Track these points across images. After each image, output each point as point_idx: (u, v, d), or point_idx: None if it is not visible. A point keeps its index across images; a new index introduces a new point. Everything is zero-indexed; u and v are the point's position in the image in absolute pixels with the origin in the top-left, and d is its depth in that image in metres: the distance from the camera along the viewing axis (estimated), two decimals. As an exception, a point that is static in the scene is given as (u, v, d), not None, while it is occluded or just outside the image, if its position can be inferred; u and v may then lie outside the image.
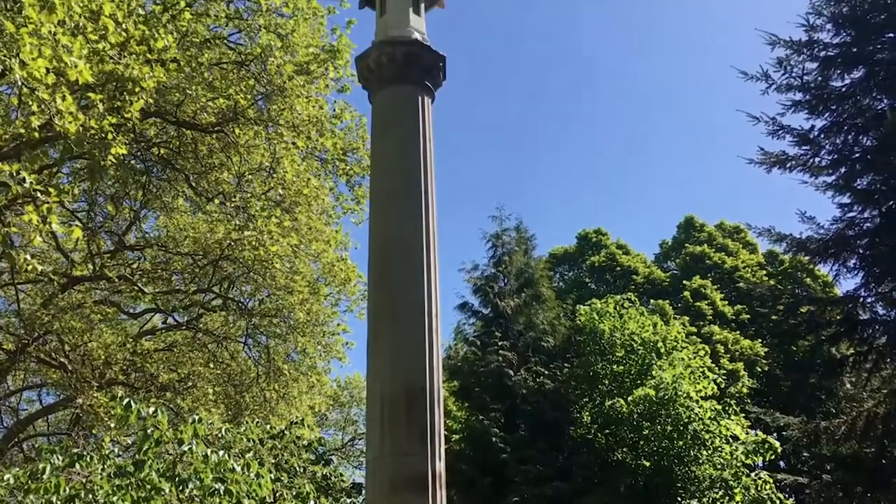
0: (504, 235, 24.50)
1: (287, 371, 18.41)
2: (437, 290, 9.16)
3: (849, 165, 16.05)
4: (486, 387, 21.52)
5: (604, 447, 20.62)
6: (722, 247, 34.64)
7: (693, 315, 27.72)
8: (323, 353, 19.32)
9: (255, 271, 16.30)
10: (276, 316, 17.99)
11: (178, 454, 8.73)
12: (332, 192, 17.53)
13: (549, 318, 23.58)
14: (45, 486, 7.78)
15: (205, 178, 14.84)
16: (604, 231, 37.01)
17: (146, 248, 17.26)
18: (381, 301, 9.02)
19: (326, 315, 18.77)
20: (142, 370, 16.69)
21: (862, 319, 15.83)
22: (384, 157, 9.65)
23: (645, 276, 33.75)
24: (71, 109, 7.67)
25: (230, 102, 13.08)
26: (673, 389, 19.60)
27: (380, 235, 9.28)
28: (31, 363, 17.38)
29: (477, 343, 23.27)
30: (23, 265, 7.89)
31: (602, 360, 21.69)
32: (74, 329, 15.15)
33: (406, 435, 8.23)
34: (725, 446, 19.79)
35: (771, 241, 17.03)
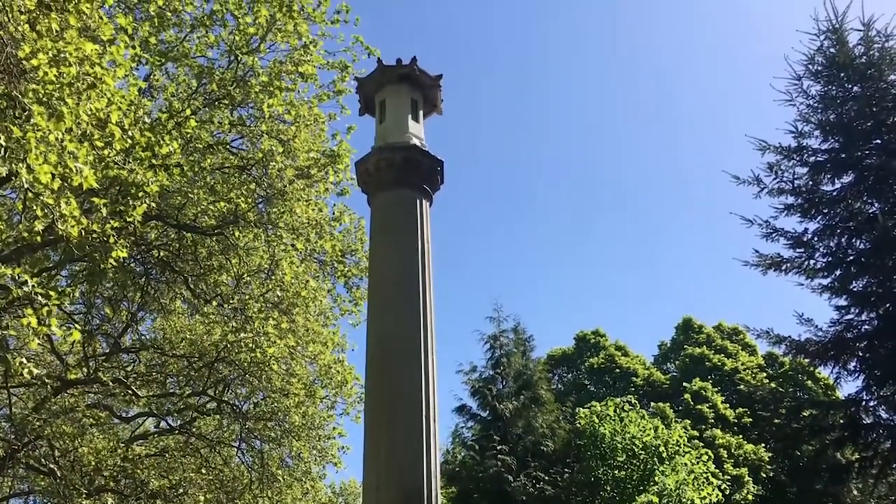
0: (502, 336, 24.42)
1: (281, 477, 17.94)
2: (436, 393, 9.08)
3: (844, 268, 16.16)
4: (486, 493, 21.01)
5: (608, 560, 19.98)
6: (721, 348, 34.48)
7: (694, 418, 27.33)
8: (318, 458, 18.89)
9: (250, 373, 16.11)
10: (271, 419, 17.67)
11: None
12: (331, 294, 17.56)
13: (549, 421, 23.24)
14: None
15: (203, 280, 14.86)
16: (602, 332, 36.91)
17: (141, 350, 17.12)
18: (378, 404, 8.92)
19: (322, 418, 18.44)
20: (132, 476, 16.24)
21: (865, 424, 15.61)
22: (383, 259, 9.73)
23: (644, 377, 33.46)
24: (74, 214, 7.76)
25: (231, 206, 13.24)
26: (677, 496, 19.15)
27: (378, 338, 9.26)
28: (20, 469, 16.95)
29: (475, 447, 22.86)
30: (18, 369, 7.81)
31: (603, 464, 21.26)
32: (66, 434, 14.84)
33: (403, 546, 8.00)
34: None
35: (770, 343, 16.98)
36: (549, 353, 35.98)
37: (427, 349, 9.11)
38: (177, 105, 11.99)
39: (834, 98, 16.65)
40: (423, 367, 8.95)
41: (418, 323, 9.14)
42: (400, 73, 10.38)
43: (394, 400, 8.78)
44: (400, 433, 8.61)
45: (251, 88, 12.52)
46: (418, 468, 8.50)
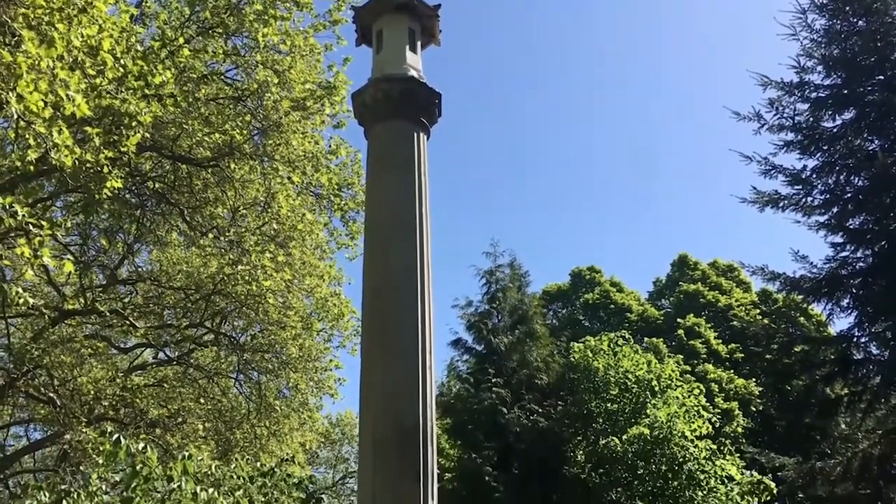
0: (498, 272, 24.48)
1: (278, 407, 18.22)
2: (432, 326, 9.12)
3: (841, 205, 16.12)
4: (480, 424, 21.33)
5: (598, 487, 20.39)
6: (716, 285, 34.69)
7: (687, 353, 27.66)
8: (315, 390, 19.15)
9: (247, 306, 16.21)
10: (269, 351, 17.85)
11: (167, 492, 8.59)
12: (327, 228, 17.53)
13: (543, 355, 23.47)
14: (31, 523, 7.64)
15: (199, 213, 14.81)
16: (597, 268, 37.07)
17: (138, 282, 17.17)
18: (374, 338, 8.97)
19: (319, 351, 18.63)
20: (131, 406, 16.48)
21: (856, 359, 15.77)
22: (379, 192, 9.65)
23: (639, 314, 33.74)
24: (67, 143, 7.66)
25: (226, 137, 13.11)
26: (668, 428, 19.47)
27: (374, 272, 9.25)
28: (20, 398, 17.17)
29: (470, 380, 23.14)
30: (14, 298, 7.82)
31: (596, 398, 21.56)
32: (64, 363, 15.00)
33: (398, 474, 8.14)
34: (720, 487, 19.61)
35: (764, 280, 17.04)
36: (544, 289, 36.19)
37: (423, 283, 9.11)
38: (169, 33, 11.75)
39: (838, 32, 16.37)
40: (419, 301, 8.97)
41: (415, 257, 9.12)
42: (398, 3, 10.13)
43: (390, 333, 8.82)
44: (396, 365, 8.67)
45: (245, 17, 12.28)
46: (414, 399, 8.58)
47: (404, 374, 8.61)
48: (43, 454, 21.64)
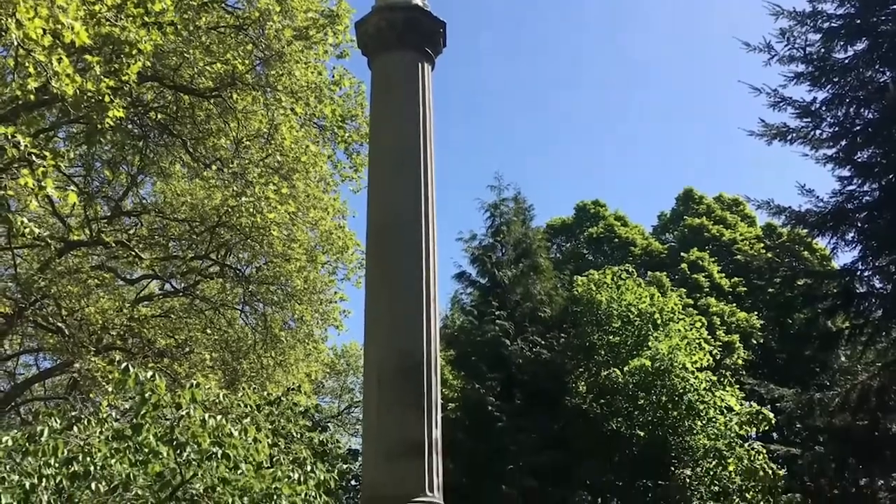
0: (502, 205, 24.45)
1: (284, 338, 18.43)
2: (436, 259, 9.14)
3: (850, 138, 15.96)
4: (483, 356, 21.59)
5: (599, 417, 20.74)
6: (720, 219, 34.62)
7: (690, 287, 27.77)
8: (320, 321, 19.34)
9: (252, 238, 16.26)
10: (274, 283, 17.98)
11: (175, 419, 8.75)
12: (331, 160, 17.45)
13: (546, 288, 23.60)
14: (44, 448, 7.80)
15: (202, 144, 14.74)
16: (602, 202, 36.96)
17: (143, 213, 17.19)
18: (378, 269, 9.00)
19: (324, 283, 18.75)
20: (139, 336, 16.69)
21: (859, 293, 15.82)
22: (383, 124, 9.56)
23: (643, 248, 33.77)
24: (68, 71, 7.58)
25: (228, 67, 12.96)
26: (669, 360, 19.69)
27: (378, 204, 9.23)
28: (29, 327, 17.37)
29: (474, 312, 23.32)
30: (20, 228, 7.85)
31: (598, 330, 21.76)
32: (72, 294, 15.12)
33: (402, 402, 8.26)
34: (720, 417, 19.93)
35: (770, 214, 16.98)
36: (548, 223, 36.17)
37: (428, 216, 9.10)
38: (168, -41, 11.49)
39: (852, -41, 15.98)
40: (424, 234, 8.97)
41: (419, 190, 9.08)
42: (401, -73, 9.86)
43: (394, 265, 8.84)
44: (400, 297, 8.71)
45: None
46: (418, 331, 8.65)
47: (408, 305, 8.66)
48: (53, 382, 22.00)
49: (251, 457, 9.28)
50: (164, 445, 8.47)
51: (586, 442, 19.84)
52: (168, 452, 8.50)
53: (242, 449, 9.07)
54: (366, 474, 8.42)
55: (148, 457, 8.44)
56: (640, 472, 19.50)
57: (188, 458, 8.62)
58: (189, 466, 8.77)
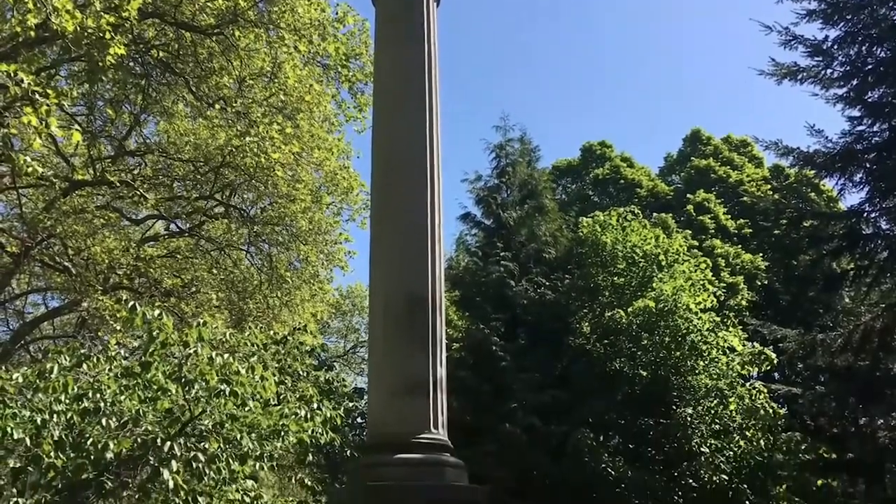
0: (508, 146, 24.26)
1: (289, 279, 18.52)
2: (440, 199, 9.10)
3: (861, 77, 15.72)
4: (488, 297, 21.68)
5: (602, 357, 20.91)
6: (727, 160, 34.34)
7: (695, 229, 27.69)
8: (325, 262, 19.41)
9: (256, 179, 16.22)
10: (279, 224, 18.00)
11: (183, 357, 8.85)
12: (335, 100, 17.29)
13: (552, 229, 23.57)
14: (54, 385, 7.91)
15: (205, 83, 14.58)
16: (608, 143, 36.65)
17: (147, 153, 17.13)
18: (383, 210, 8.97)
19: (329, 224, 18.77)
20: (145, 275, 16.78)
21: (864, 234, 15.78)
22: (387, 63, 9.42)
23: (649, 189, 33.59)
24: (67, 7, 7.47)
25: (230, 3, 12.74)
26: (673, 301, 19.75)
27: (383, 145, 9.15)
28: (36, 267, 17.47)
29: (479, 254, 23.35)
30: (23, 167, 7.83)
31: (603, 271, 21.77)
32: (77, 233, 15.14)
33: (408, 341, 8.32)
34: (722, 357, 20.07)
35: (778, 155, 16.85)
36: (554, 164, 35.92)
37: (433, 156, 9.03)
38: None
39: None
40: (429, 175, 8.91)
41: (424, 130, 9.00)
42: None
43: (399, 205, 8.81)
44: (405, 238, 8.70)
45: None
46: (423, 271, 8.66)
47: (413, 245, 8.67)
48: (61, 321, 22.22)
49: (258, 394, 9.41)
50: (173, 383, 8.59)
51: (589, 381, 20.04)
52: (176, 390, 8.62)
53: (250, 386, 9.19)
54: (371, 412, 8.53)
55: (157, 394, 8.57)
56: (642, 410, 19.72)
57: (196, 395, 8.75)
58: (197, 403, 8.91)
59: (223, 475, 9.06)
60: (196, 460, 8.37)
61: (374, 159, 9.24)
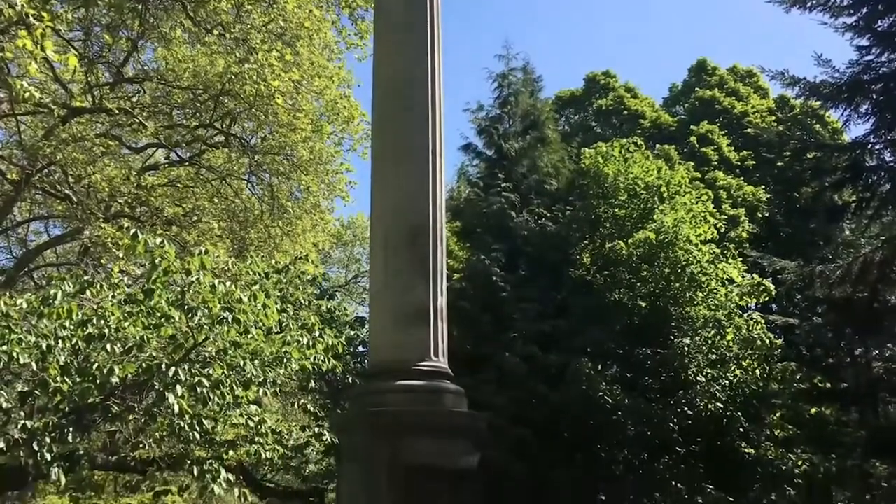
0: (510, 76, 23.96)
1: (291, 208, 18.51)
2: (442, 129, 9.03)
3: (871, 6, 15.40)
4: (488, 227, 21.72)
5: (602, 288, 21.06)
6: (733, 91, 33.94)
7: (698, 161, 27.55)
8: (326, 192, 19.36)
9: (256, 107, 16.06)
10: (279, 153, 17.90)
11: (185, 284, 8.93)
12: (335, 26, 17.00)
13: (553, 160, 23.47)
14: (58, 311, 8.01)
15: (202, 8, 14.31)
16: (612, 74, 36.16)
17: (145, 80, 16.92)
18: (384, 139, 8.92)
19: (329, 154, 18.66)
20: (147, 204, 16.76)
21: (868, 166, 15.68)
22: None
23: (652, 120, 33.30)
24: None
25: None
26: (673, 233, 19.78)
27: (385, 73, 9.03)
28: (37, 194, 17.45)
29: (480, 184, 23.30)
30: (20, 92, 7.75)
31: (604, 203, 21.76)
32: (77, 161, 15.06)
33: (409, 270, 8.37)
34: (721, 288, 20.21)
35: (784, 85, 16.61)
36: (557, 94, 35.52)
37: (434, 85, 8.93)
38: None
39: None
40: (431, 103, 8.83)
41: (426, 58, 8.87)
42: None
43: (400, 134, 8.76)
44: (406, 168, 8.68)
45: None
46: (424, 200, 8.65)
47: (414, 175, 8.64)
48: (64, 249, 22.30)
49: (261, 322, 9.53)
50: (176, 310, 8.69)
51: (588, 312, 20.23)
52: (180, 317, 8.73)
53: (252, 314, 9.30)
54: (372, 340, 8.64)
55: (160, 321, 8.68)
56: (640, 340, 19.95)
57: (199, 322, 8.86)
58: (200, 330, 9.03)
59: (227, 400, 9.25)
60: (200, 385, 8.53)
61: (374, 88, 9.14)
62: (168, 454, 11.30)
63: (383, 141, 8.93)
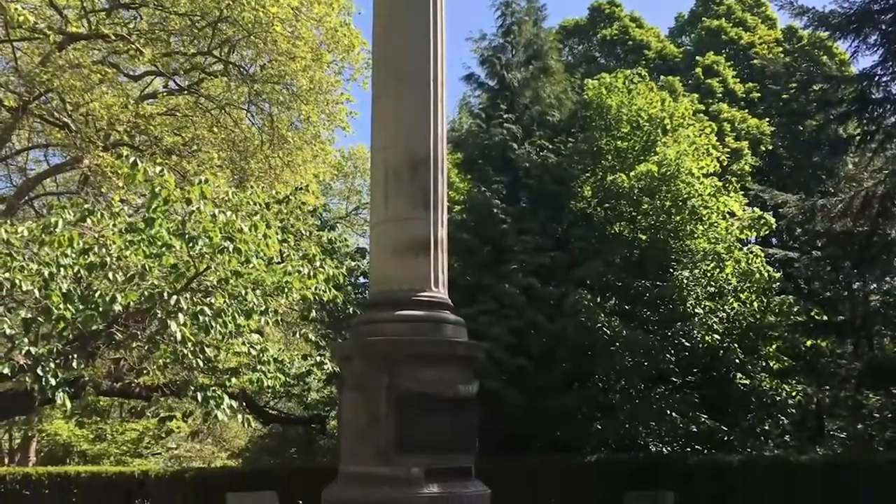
0: (514, 3, 23.50)
1: (291, 139, 18.39)
2: (444, 59, 8.91)
3: (883, -67, 15.02)
4: (490, 159, 21.61)
5: (602, 221, 21.06)
6: (740, 21, 33.28)
7: (703, 93, 27.20)
8: (327, 123, 19.21)
9: (255, 34, 15.81)
10: (279, 82, 17.69)
11: (186, 213, 8.93)
12: (334, -49, 16.59)
13: (556, 91, 23.19)
14: (59, 239, 8.03)
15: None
16: (617, 2, 35.43)
17: (141, 6, 16.60)
18: (385, 69, 8.80)
19: (330, 83, 18.43)
20: (146, 133, 16.64)
21: (874, 98, 15.50)
22: None
23: (657, 51, 32.76)
24: None
25: None
26: (675, 166, 19.68)
27: None
28: (35, 122, 17.31)
29: (482, 115, 23.10)
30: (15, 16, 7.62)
31: (607, 135, 21.59)
32: (75, 88, 14.87)
33: (409, 201, 8.36)
34: (721, 222, 20.21)
35: (792, 15, 16.27)
36: (561, 24, 34.87)
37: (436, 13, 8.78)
38: None
39: None
40: (432, 32, 8.69)
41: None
42: None
43: (401, 65, 8.65)
44: (407, 98, 8.59)
45: None
46: (425, 130, 8.60)
47: (416, 105, 8.56)
48: (65, 178, 22.25)
49: (262, 251, 9.56)
50: (177, 239, 8.71)
51: (588, 244, 20.28)
52: (181, 246, 8.75)
53: (253, 244, 9.32)
54: (373, 270, 8.69)
55: (161, 249, 8.71)
56: (639, 273, 20.04)
57: (200, 251, 8.88)
58: (202, 259, 9.06)
59: (229, 329, 9.34)
60: (202, 314, 8.61)
61: (375, 16, 8.99)
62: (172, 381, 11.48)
63: (383, 71, 8.81)
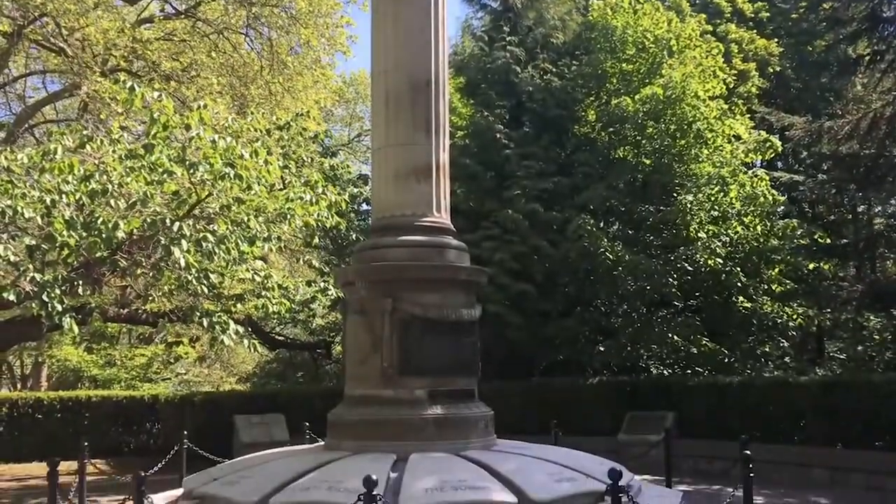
0: (517, -80, 22.82)
1: (291, 64, 18.11)
2: (445, -23, 8.74)
3: None
4: (493, 83, 21.34)
5: (606, 145, 20.87)
6: (753, -66, 32.27)
7: (711, 13, 26.53)
8: (327, 47, 18.89)
9: (252, -46, 15.44)
10: (277, 5, 17.36)
11: (186, 140, 8.87)
12: None
13: (561, 12, 22.72)
14: (59, 166, 7.99)
15: None
16: (625, -84, 34.35)
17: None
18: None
19: (329, 6, 18.07)
20: (143, 58, 16.39)
21: (885, 17, 15.15)
22: None
23: (666, -32, 31.89)
24: None
25: None
26: (681, 88, 19.37)
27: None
28: (31, 48, 17.05)
29: (484, 38, 22.73)
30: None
31: (612, 58, 21.20)
32: (70, 12, 14.56)
33: (411, 126, 8.32)
34: (727, 145, 20.00)
35: (804, -70, 15.84)
36: (566, -59, 33.93)
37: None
38: None
39: None
40: (432, -50, 8.52)
41: None
42: None
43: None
44: (408, 20, 8.47)
45: None
46: (426, 54, 8.51)
47: (416, 28, 8.44)
48: (64, 105, 22.03)
49: (263, 178, 9.53)
50: (178, 166, 8.67)
51: (592, 169, 20.14)
52: (182, 172, 8.72)
53: (254, 170, 9.29)
54: (375, 196, 8.69)
55: (162, 176, 8.68)
56: (643, 198, 19.94)
57: (202, 178, 8.86)
58: (203, 186, 9.04)
59: (233, 255, 9.38)
60: (205, 241, 8.63)
61: (374, -68, 8.78)
62: (178, 307, 11.59)
63: (383, -11, 8.65)
